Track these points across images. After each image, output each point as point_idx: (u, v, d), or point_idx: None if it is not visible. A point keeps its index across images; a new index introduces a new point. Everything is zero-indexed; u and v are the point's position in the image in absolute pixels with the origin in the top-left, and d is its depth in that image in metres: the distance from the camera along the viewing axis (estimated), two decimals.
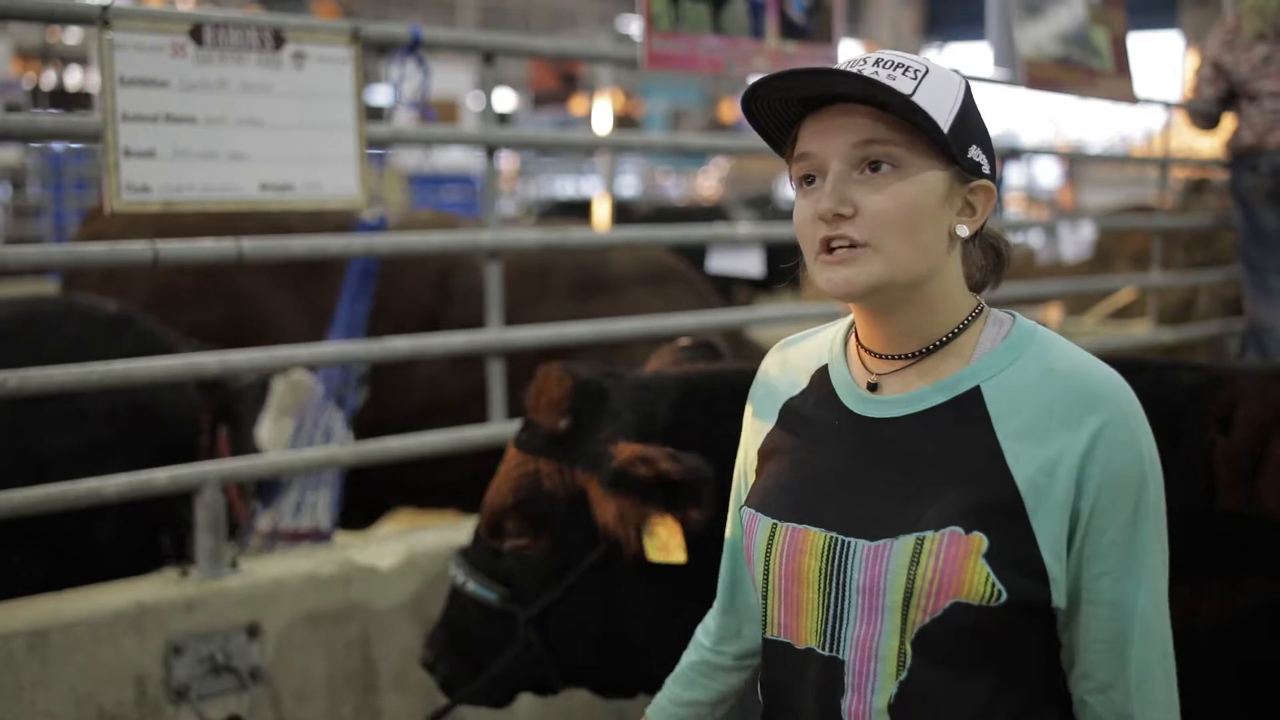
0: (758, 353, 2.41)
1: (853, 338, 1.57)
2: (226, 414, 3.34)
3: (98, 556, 3.16)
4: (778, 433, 1.60)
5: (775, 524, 1.51)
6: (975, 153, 1.44)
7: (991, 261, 1.55)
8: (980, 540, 1.38)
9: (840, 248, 1.41)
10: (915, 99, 1.38)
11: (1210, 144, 6.43)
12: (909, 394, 1.48)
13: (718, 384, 2.33)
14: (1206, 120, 5.52)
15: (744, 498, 1.64)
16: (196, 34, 2.80)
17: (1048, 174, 20.35)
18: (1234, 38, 5.29)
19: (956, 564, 1.37)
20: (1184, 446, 1.97)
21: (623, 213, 12.30)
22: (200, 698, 2.76)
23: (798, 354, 1.64)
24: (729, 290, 6.52)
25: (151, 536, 3.23)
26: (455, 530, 3.34)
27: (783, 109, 1.47)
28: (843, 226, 1.41)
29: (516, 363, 3.58)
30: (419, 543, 3.19)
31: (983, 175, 1.46)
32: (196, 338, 3.59)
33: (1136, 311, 6.68)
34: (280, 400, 3.40)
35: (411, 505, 4.63)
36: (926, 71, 1.42)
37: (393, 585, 3.07)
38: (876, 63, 1.42)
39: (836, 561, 1.45)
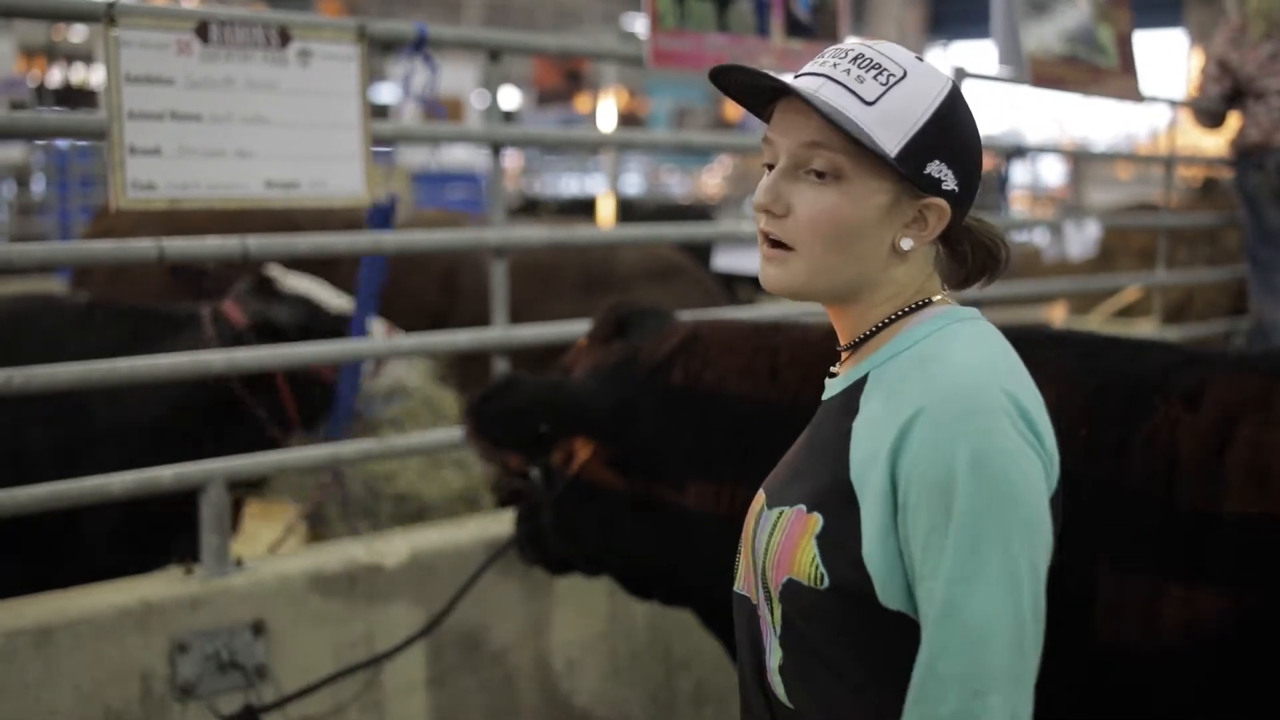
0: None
1: None
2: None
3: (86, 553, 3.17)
4: None
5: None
6: (936, 168, 1.40)
7: (983, 259, 1.52)
8: (816, 521, 1.40)
9: (774, 245, 1.44)
10: (871, 112, 1.37)
11: (1215, 142, 6.41)
12: (836, 379, 1.54)
13: (719, 333, 2.60)
14: (1212, 118, 5.50)
15: None
16: (202, 31, 2.80)
17: (1053, 172, 20.33)
18: (1240, 35, 5.28)
19: (793, 541, 1.42)
20: (1149, 421, 2.02)
21: (627, 210, 12.29)
22: (206, 695, 2.76)
23: None
24: (732, 289, 6.52)
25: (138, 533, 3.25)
26: (459, 529, 3.34)
27: (756, 89, 1.47)
28: (773, 224, 1.43)
29: (522, 361, 3.57)
30: (423, 541, 3.18)
31: (941, 192, 1.42)
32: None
33: (1141, 309, 6.67)
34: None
35: None
36: (903, 76, 1.40)
37: (397, 583, 3.07)
38: (855, 59, 1.41)
39: (758, 525, 1.53)
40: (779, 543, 1.44)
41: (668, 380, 2.54)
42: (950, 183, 1.42)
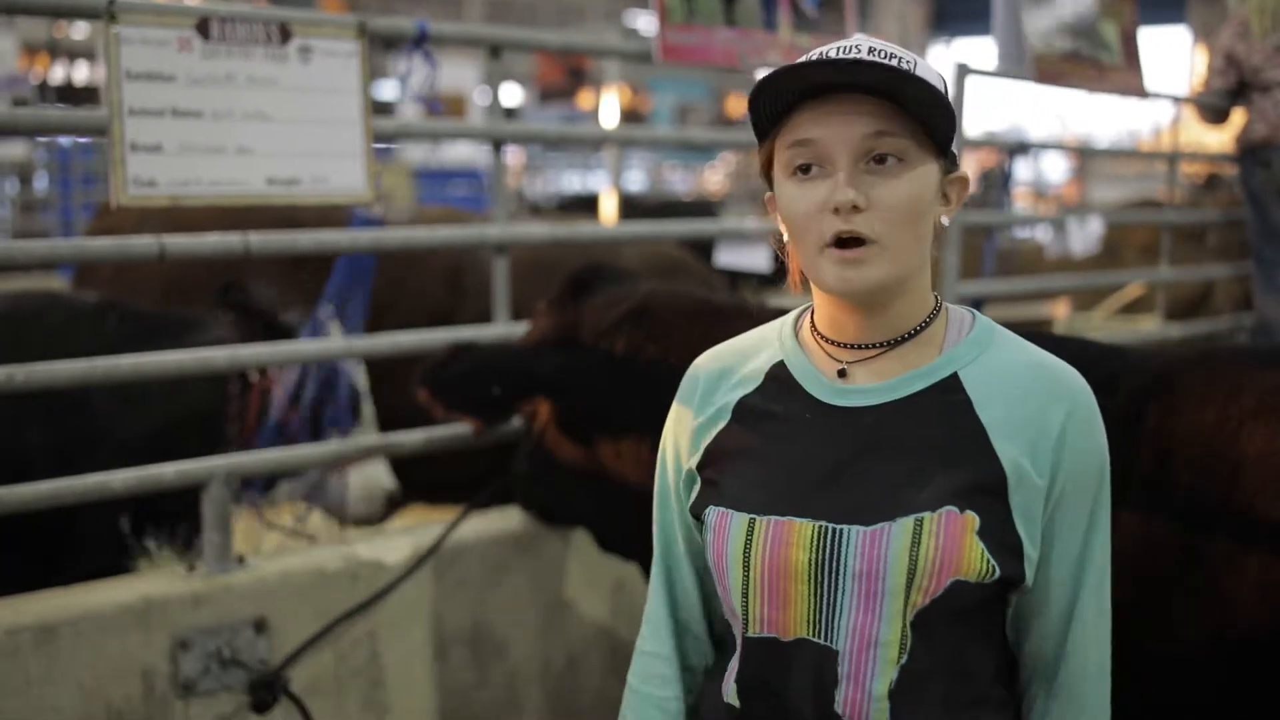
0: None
1: (804, 331, 1.57)
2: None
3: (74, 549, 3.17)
4: (735, 430, 1.55)
5: (754, 519, 1.47)
6: (955, 146, 1.49)
7: None
8: (973, 519, 1.41)
9: (854, 244, 1.40)
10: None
11: (1218, 139, 6.39)
12: (886, 382, 1.48)
13: (676, 301, 2.69)
14: (1216, 114, 5.48)
15: (683, 494, 1.61)
16: (203, 28, 2.79)
17: (1056, 169, 20.31)
18: (1246, 29, 5.26)
19: (956, 542, 1.40)
20: None
21: (630, 207, 12.29)
22: (207, 693, 2.76)
23: (738, 353, 1.61)
24: (735, 286, 6.51)
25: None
26: (459, 525, 3.33)
27: (780, 96, 1.43)
28: (855, 220, 1.39)
29: None
30: (426, 538, 3.18)
31: (958, 168, 1.51)
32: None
33: (1145, 306, 6.66)
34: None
35: (422, 502, 4.61)
36: (916, 62, 1.44)
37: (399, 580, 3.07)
38: (871, 50, 1.42)
39: (828, 550, 1.42)
40: (935, 548, 1.39)
41: (611, 347, 2.61)
42: (959, 161, 1.51)
